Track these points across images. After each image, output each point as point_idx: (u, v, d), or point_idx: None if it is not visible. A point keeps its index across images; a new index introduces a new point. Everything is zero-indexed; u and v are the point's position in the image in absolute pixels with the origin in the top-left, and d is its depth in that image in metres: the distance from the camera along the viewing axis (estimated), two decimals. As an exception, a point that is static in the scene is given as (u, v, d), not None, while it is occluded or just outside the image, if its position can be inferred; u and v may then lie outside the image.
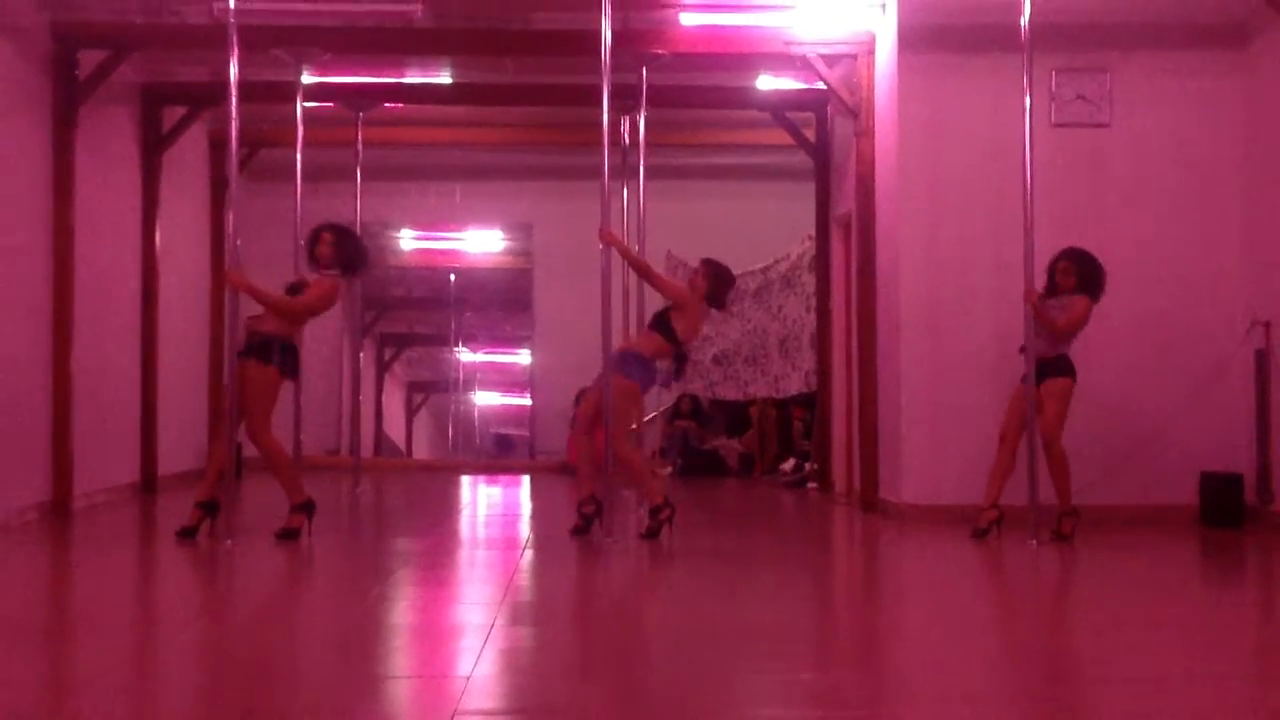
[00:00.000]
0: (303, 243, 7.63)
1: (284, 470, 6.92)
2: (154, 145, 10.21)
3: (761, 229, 12.40)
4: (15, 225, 8.01)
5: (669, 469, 12.64)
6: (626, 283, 9.62)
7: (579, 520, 7.12)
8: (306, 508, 6.91)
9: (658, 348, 7.24)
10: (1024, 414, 7.06)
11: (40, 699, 3.63)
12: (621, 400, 7.08)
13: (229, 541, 6.63)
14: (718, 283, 7.35)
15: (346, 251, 7.07)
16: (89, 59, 8.73)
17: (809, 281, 11.18)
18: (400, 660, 4.26)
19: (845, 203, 9.80)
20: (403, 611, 5.20)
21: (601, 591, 5.88)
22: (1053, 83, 8.11)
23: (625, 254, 7.51)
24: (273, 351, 6.82)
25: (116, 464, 9.56)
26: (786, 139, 10.82)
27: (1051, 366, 7.14)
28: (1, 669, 3.89)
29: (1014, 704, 3.58)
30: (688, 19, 8.91)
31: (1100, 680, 3.77)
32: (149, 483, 10.06)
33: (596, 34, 7.15)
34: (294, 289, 7.06)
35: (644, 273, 7.52)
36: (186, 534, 6.77)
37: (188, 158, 11.13)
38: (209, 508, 6.85)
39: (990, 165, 8.04)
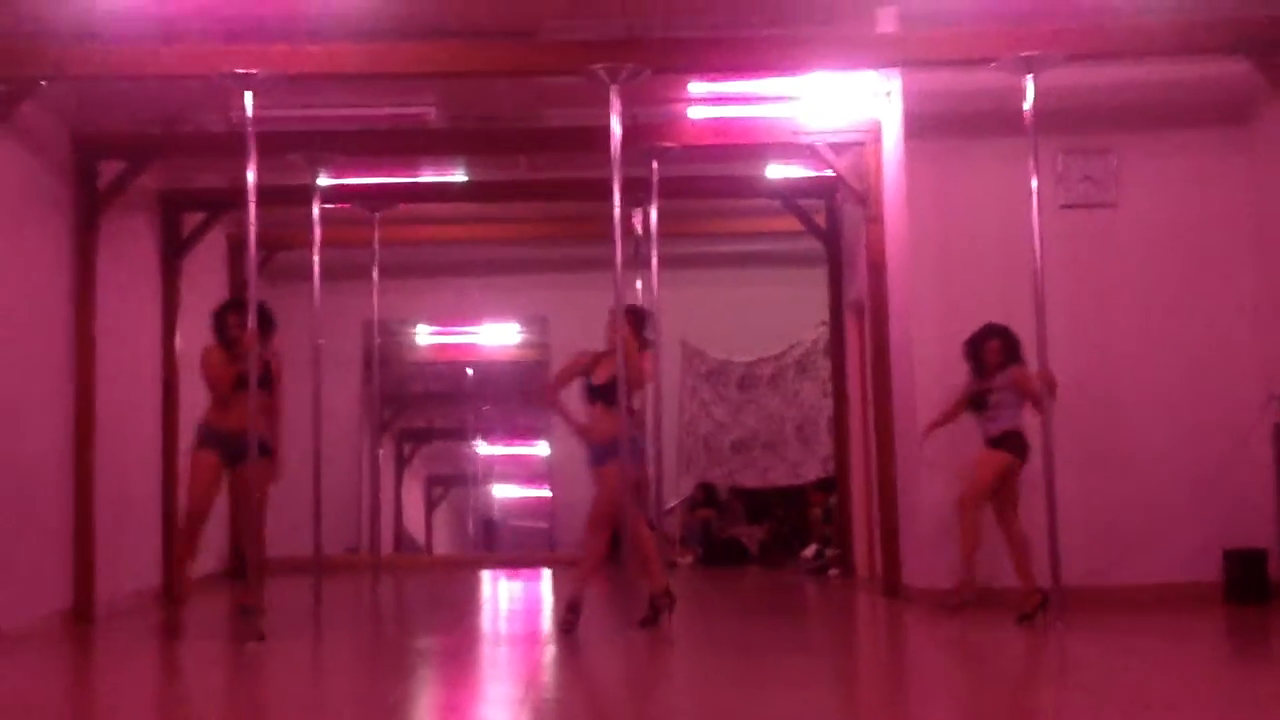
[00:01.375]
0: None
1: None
2: (174, 250, 10.36)
3: (775, 315, 12.47)
4: (38, 329, 8.12)
5: (690, 558, 12.59)
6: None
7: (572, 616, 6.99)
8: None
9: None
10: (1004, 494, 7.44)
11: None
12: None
13: (253, 644, 6.63)
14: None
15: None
16: (109, 168, 8.90)
17: (824, 366, 11.23)
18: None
19: (858, 287, 9.87)
20: (425, 713, 5.17)
21: (627, 686, 5.84)
22: (1059, 164, 8.20)
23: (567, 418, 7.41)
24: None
25: (139, 568, 9.57)
26: (797, 225, 10.92)
27: (1003, 442, 7.43)
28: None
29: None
30: (695, 112, 9.06)
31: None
32: (171, 587, 10.04)
33: (606, 129, 7.27)
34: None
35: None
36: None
37: (207, 261, 11.28)
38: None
39: (1000, 247, 8.09)
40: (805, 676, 5.80)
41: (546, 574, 12.00)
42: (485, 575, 12.02)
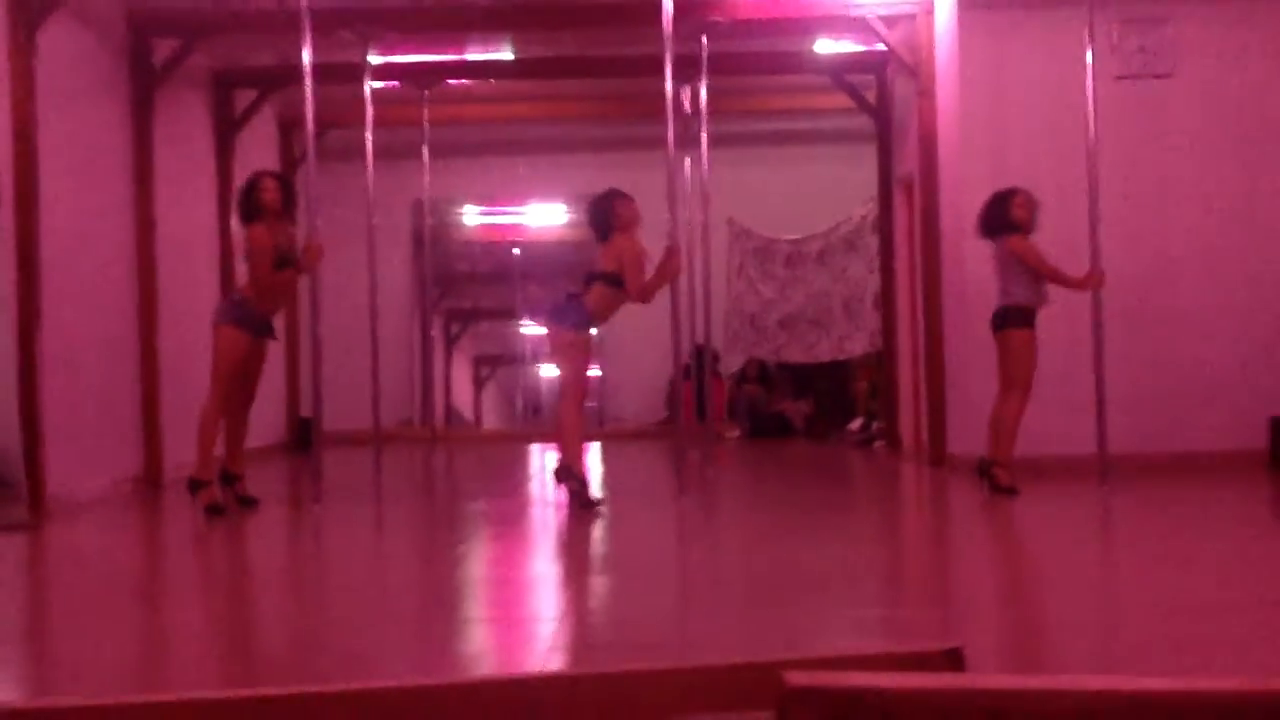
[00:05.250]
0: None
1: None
2: (227, 129, 10.48)
3: (823, 193, 12.47)
4: (100, 210, 8.29)
5: (736, 432, 12.79)
6: (691, 249, 9.75)
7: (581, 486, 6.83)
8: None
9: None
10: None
11: (156, 648, 3.86)
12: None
13: (316, 506, 6.89)
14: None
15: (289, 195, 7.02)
16: (162, 47, 8.98)
17: (872, 243, 11.24)
18: (489, 606, 4.44)
19: (907, 163, 9.86)
20: (485, 565, 5.40)
21: (677, 543, 6.04)
22: (1114, 34, 8.11)
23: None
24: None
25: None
26: (847, 102, 10.86)
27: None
28: (108, 619, 4.13)
29: (1075, 630, 3.69)
30: (745, -15, 9.00)
31: (1157, 608, 3.87)
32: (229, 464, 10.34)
33: (656, 4, 7.26)
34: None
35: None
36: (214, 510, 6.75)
37: (259, 140, 11.39)
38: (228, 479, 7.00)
39: (1053, 120, 8.07)
40: (848, 536, 5.97)
41: (595, 447, 12.24)
42: (533, 448, 12.28)
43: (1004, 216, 6.93)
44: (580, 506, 6.68)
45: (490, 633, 3.98)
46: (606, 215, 6.91)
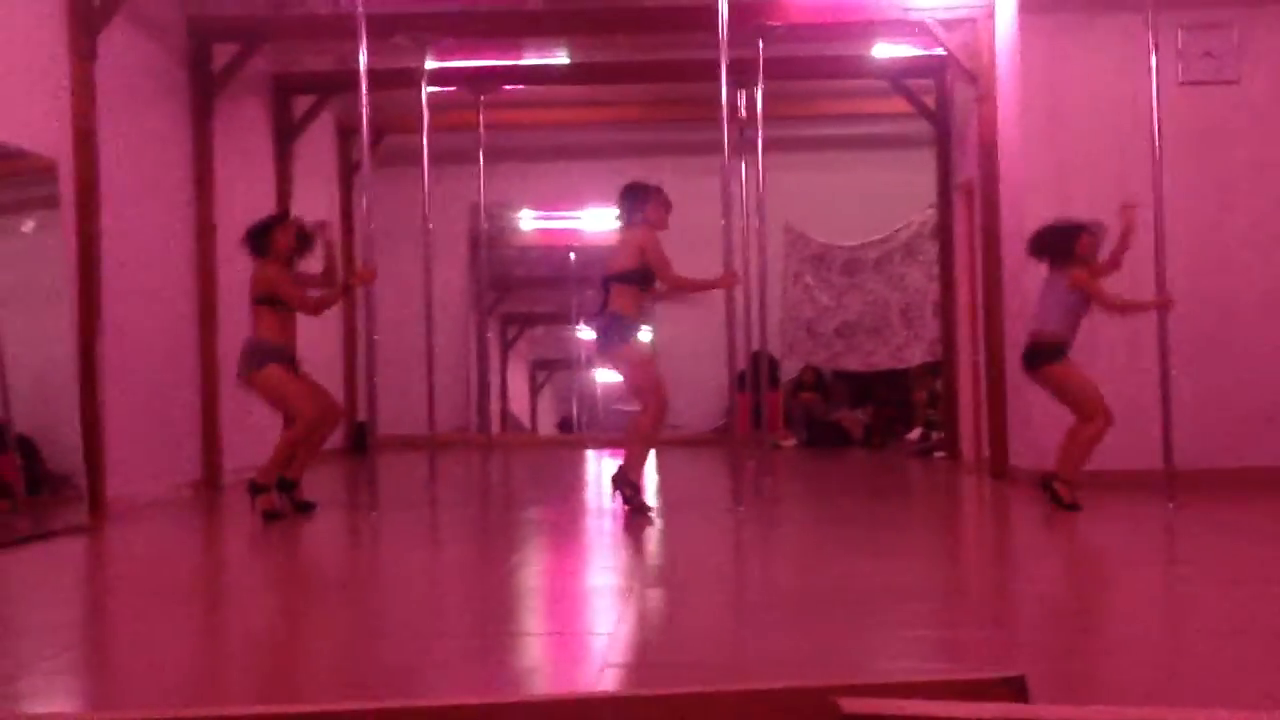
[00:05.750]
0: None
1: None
2: (286, 134, 10.56)
3: (881, 199, 12.36)
4: (161, 214, 8.37)
5: (793, 441, 12.70)
6: (746, 255, 9.69)
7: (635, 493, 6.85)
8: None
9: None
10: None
11: (209, 652, 3.87)
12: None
13: (374, 513, 6.91)
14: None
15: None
16: (222, 52, 9.06)
17: (931, 250, 11.13)
18: (543, 619, 4.41)
19: (967, 169, 9.74)
20: (539, 576, 5.37)
21: (733, 556, 5.98)
22: (1178, 39, 7.96)
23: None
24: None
25: (261, 443, 9.89)
26: (905, 107, 10.76)
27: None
28: (165, 627, 4.14)
29: (1140, 654, 3.60)
30: (803, -10, 8.93)
31: (1225, 631, 3.77)
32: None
33: (712, 9, 7.21)
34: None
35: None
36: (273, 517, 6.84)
37: (317, 145, 11.47)
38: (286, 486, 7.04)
39: (1115, 126, 7.93)
40: (907, 551, 5.88)
41: (650, 454, 12.18)
42: (589, 455, 12.25)
43: (1068, 249, 6.79)
44: (634, 513, 6.63)
45: (542, 647, 3.95)
46: (641, 203, 6.86)
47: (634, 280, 6.82)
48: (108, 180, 7.29)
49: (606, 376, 17.77)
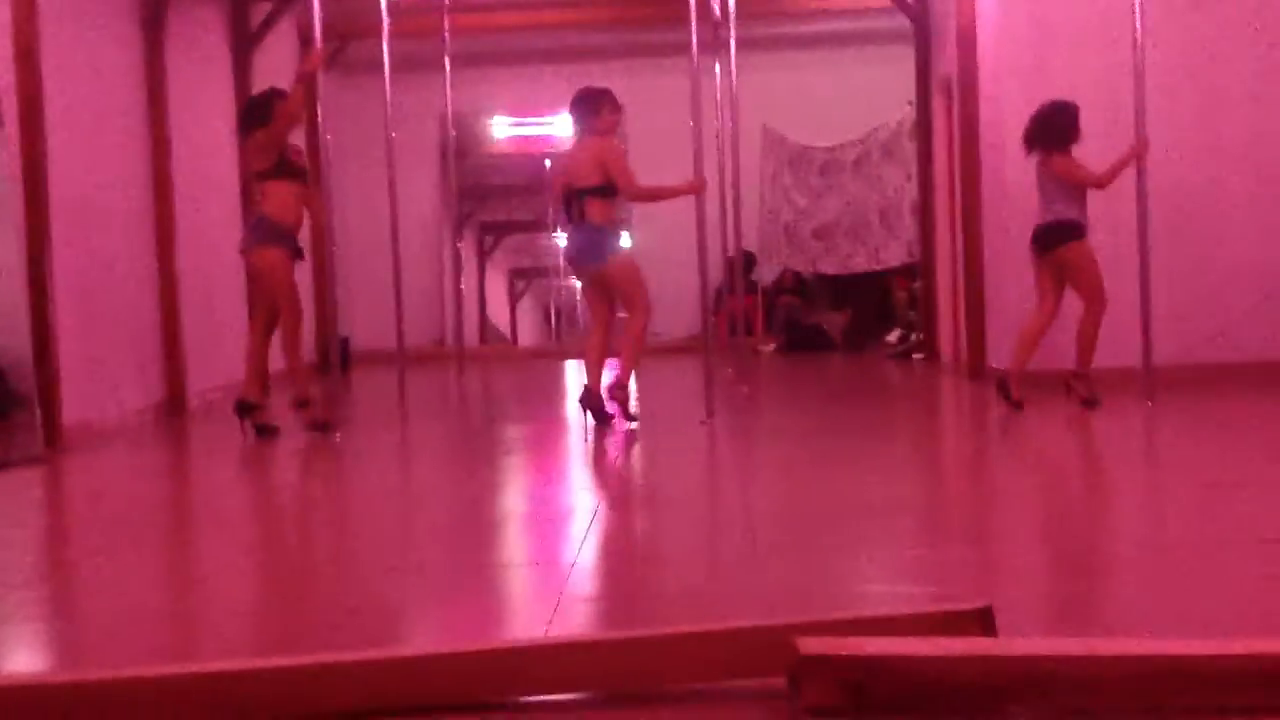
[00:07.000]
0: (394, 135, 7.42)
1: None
2: (244, 43, 10.22)
3: (859, 98, 12.07)
4: (113, 131, 8.08)
5: (772, 345, 12.56)
6: (722, 159, 9.46)
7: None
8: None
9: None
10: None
11: (174, 580, 3.73)
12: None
13: (338, 435, 6.76)
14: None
15: None
16: (173, -41, 8.70)
17: (910, 149, 10.89)
18: (506, 548, 4.29)
19: (946, 65, 9.48)
20: (507, 498, 5.24)
21: (709, 471, 5.86)
22: (1162, -74, 7.68)
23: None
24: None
25: (226, 363, 9.72)
26: (883, 1, 10.46)
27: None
28: (134, 561, 4.00)
29: (1127, 569, 3.48)
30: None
31: (1216, 540, 3.65)
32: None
33: (680, -99, 6.92)
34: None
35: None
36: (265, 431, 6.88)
37: (278, 54, 11.12)
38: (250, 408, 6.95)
39: (1098, 14, 7.69)
40: (883, 462, 5.77)
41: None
42: (570, 365, 12.11)
43: (1072, 125, 6.72)
44: (626, 420, 6.69)
45: (504, 580, 3.82)
46: (592, 113, 6.66)
47: (603, 193, 6.66)
48: (54, 97, 7.01)
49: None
